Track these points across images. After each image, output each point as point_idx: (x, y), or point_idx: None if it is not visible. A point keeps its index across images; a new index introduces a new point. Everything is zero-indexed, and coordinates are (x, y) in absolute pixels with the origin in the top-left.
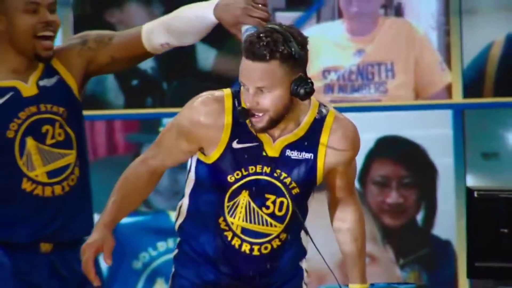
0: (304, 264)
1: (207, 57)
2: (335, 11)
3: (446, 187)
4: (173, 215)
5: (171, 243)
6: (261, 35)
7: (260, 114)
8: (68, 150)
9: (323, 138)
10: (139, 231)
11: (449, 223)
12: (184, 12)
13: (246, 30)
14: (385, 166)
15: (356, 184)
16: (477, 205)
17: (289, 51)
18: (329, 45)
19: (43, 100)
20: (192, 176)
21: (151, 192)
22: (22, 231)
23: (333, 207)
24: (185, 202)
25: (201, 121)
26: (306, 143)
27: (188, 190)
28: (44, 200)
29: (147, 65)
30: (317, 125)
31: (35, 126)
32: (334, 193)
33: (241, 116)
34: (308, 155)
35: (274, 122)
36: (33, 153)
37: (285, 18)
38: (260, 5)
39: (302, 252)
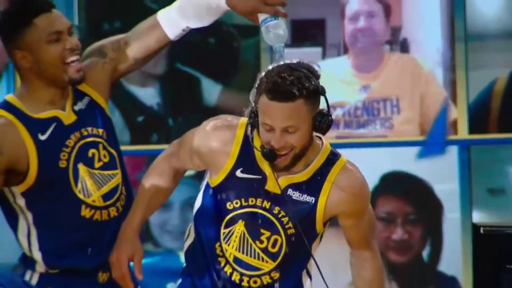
0: None
1: (212, 93)
2: (340, 47)
3: (452, 223)
4: (182, 255)
5: None
6: (283, 74)
7: (286, 152)
8: (115, 170)
9: (327, 185)
10: (148, 273)
11: (455, 259)
12: (194, 0)
13: (265, 20)
14: (390, 202)
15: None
16: (483, 241)
17: (313, 87)
18: (335, 81)
19: (83, 124)
20: (199, 197)
21: (174, 189)
22: (83, 257)
23: (352, 259)
24: (193, 221)
25: (210, 144)
26: (309, 186)
27: (194, 211)
28: (103, 224)
29: (152, 101)
30: (324, 170)
31: (82, 151)
32: (350, 246)
33: (268, 158)
34: (309, 199)
35: (297, 159)
36: (87, 179)
37: (291, 53)
38: None
39: None
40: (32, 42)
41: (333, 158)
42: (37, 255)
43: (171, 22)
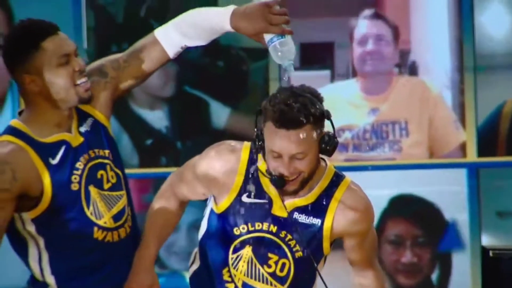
0: None
1: (220, 116)
2: (349, 70)
3: (461, 246)
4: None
5: None
6: (289, 101)
7: (295, 177)
8: (121, 191)
9: (332, 207)
10: None
11: (464, 282)
12: (196, 19)
13: (271, 40)
14: (399, 225)
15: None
16: (492, 265)
17: (319, 111)
18: (344, 104)
19: (90, 146)
20: (204, 223)
21: (181, 218)
22: (96, 279)
23: (355, 281)
24: (198, 248)
25: (215, 170)
26: (315, 209)
27: (200, 236)
28: (114, 245)
29: (161, 124)
30: (329, 192)
31: (91, 173)
32: (353, 267)
33: (277, 185)
34: (315, 221)
35: (305, 182)
36: (98, 201)
37: (300, 76)
38: (275, 8)
39: None
40: (42, 66)
41: (337, 179)
42: (50, 279)
43: (170, 41)
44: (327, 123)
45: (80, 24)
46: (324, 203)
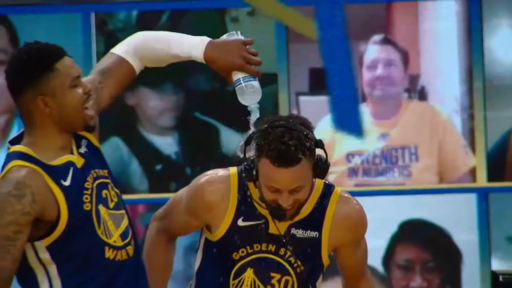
0: None
1: (230, 142)
2: (358, 95)
3: (471, 271)
4: None
5: None
6: (284, 139)
7: (293, 206)
8: (122, 210)
9: (328, 217)
10: None
11: None
12: (167, 44)
13: (244, 79)
14: (409, 250)
15: (380, 268)
16: None
17: (313, 143)
18: None
19: (91, 166)
20: (199, 255)
21: (174, 256)
22: None
23: None
24: (194, 281)
25: (206, 200)
26: (311, 221)
27: (196, 268)
28: (123, 264)
29: (171, 150)
30: (322, 204)
31: (98, 193)
32: (346, 275)
33: (278, 218)
34: (313, 234)
35: (302, 207)
36: (107, 220)
37: (309, 102)
38: (247, 48)
39: None
40: (56, 87)
41: (327, 190)
42: None
43: (134, 60)
44: (338, 151)
45: (90, 49)
46: (319, 214)
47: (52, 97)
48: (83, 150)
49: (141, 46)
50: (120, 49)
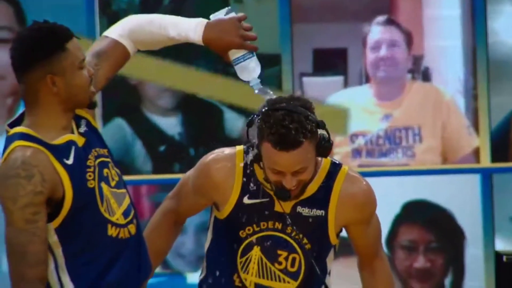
0: None
1: (234, 125)
2: (362, 76)
3: (474, 252)
4: (190, 276)
5: None
6: (284, 122)
7: (297, 186)
8: (124, 189)
9: (334, 196)
10: None
11: (477, 287)
12: (162, 27)
13: (243, 56)
14: (412, 231)
15: (384, 249)
16: (506, 270)
17: (314, 125)
18: (357, 110)
19: (92, 145)
20: (210, 233)
21: (173, 243)
22: (110, 278)
23: (361, 269)
24: (204, 259)
25: (212, 179)
26: (317, 200)
27: (206, 246)
28: (125, 242)
29: (174, 131)
30: (329, 182)
31: (100, 171)
32: (359, 254)
33: (283, 198)
34: (319, 212)
35: (306, 186)
36: (110, 198)
37: (312, 82)
38: (241, 24)
39: None
40: (67, 67)
41: (335, 168)
42: (70, 286)
43: (128, 42)
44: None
45: (93, 30)
46: (325, 193)
47: (61, 76)
48: (83, 129)
49: (136, 29)
50: (115, 32)
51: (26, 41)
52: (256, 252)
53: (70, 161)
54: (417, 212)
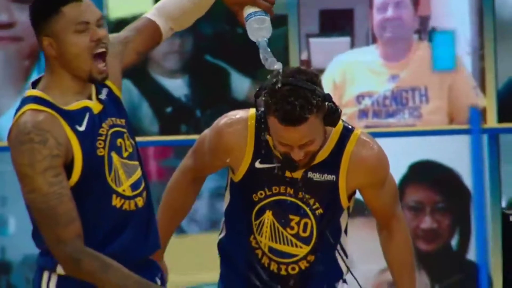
0: (340, 286)
1: (241, 86)
2: (369, 37)
3: (481, 211)
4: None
5: None
6: (290, 99)
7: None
8: (137, 161)
9: (344, 161)
10: None
11: (484, 247)
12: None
13: (254, 14)
14: (419, 191)
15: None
16: None
17: (320, 99)
18: (363, 71)
19: (109, 114)
20: (227, 194)
21: (195, 201)
22: (111, 249)
23: (379, 230)
24: (224, 219)
25: (224, 142)
26: (328, 165)
27: (225, 207)
28: (130, 214)
29: (181, 92)
30: (340, 146)
31: (112, 140)
32: (375, 216)
33: (289, 169)
34: (330, 177)
35: (315, 155)
36: (119, 168)
37: (320, 43)
38: None
39: (338, 273)
40: (59, 30)
41: (347, 132)
42: None
43: (161, 22)
44: (348, 93)
45: None
46: (336, 158)
47: (55, 40)
48: (103, 96)
49: (164, 4)
50: (149, 12)
51: (32, 3)
52: (268, 216)
53: (82, 128)
54: (424, 173)
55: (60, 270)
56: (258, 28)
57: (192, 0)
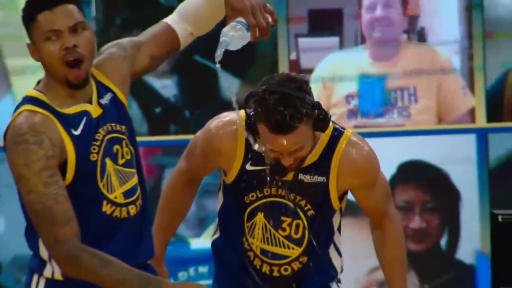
0: (335, 286)
1: (230, 86)
2: (358, 37)
3: (470, 212)
4: (193, 242)
5: (192, 271)
6: (279, 108)
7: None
8: (133, 169)
9: (335, 162)
10: None
11: (473, 247)
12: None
13: (240, 22)
14: (408, 191)
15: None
16: (501, 229)
17: (310, 107)
18: (352, 71)
19: (108, 119)
20: (220, 195)
21: (192, 203)
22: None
23: (372, 229)
24: (217, 220)
25: (215, 145)
26: (319, 166)
27: (218, 208)
28: (120, 221)
29: (170, 93)
30: (330, 148)
31: (108, 146)
32: (368, 215)
33: (278, 175)
34: (321, 179)
35: (305, 159)
36: (112, 174)
37: (309, 43)
38: (267, 14)
39: (332, 274)
40: (36, 38)
41: (337, 134)
42: None
43: (179, 27)
44: (337, 93)
45: None
46: (327, 159)
47: (36, 47)
48: (104, 101)
49: (183, 8)
50: (168, 17)
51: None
52: (260, 218)
53: (77, 132)
54: (413, 173)
55: (47, 273)
56: (234, 34)
57: (210, 4)
